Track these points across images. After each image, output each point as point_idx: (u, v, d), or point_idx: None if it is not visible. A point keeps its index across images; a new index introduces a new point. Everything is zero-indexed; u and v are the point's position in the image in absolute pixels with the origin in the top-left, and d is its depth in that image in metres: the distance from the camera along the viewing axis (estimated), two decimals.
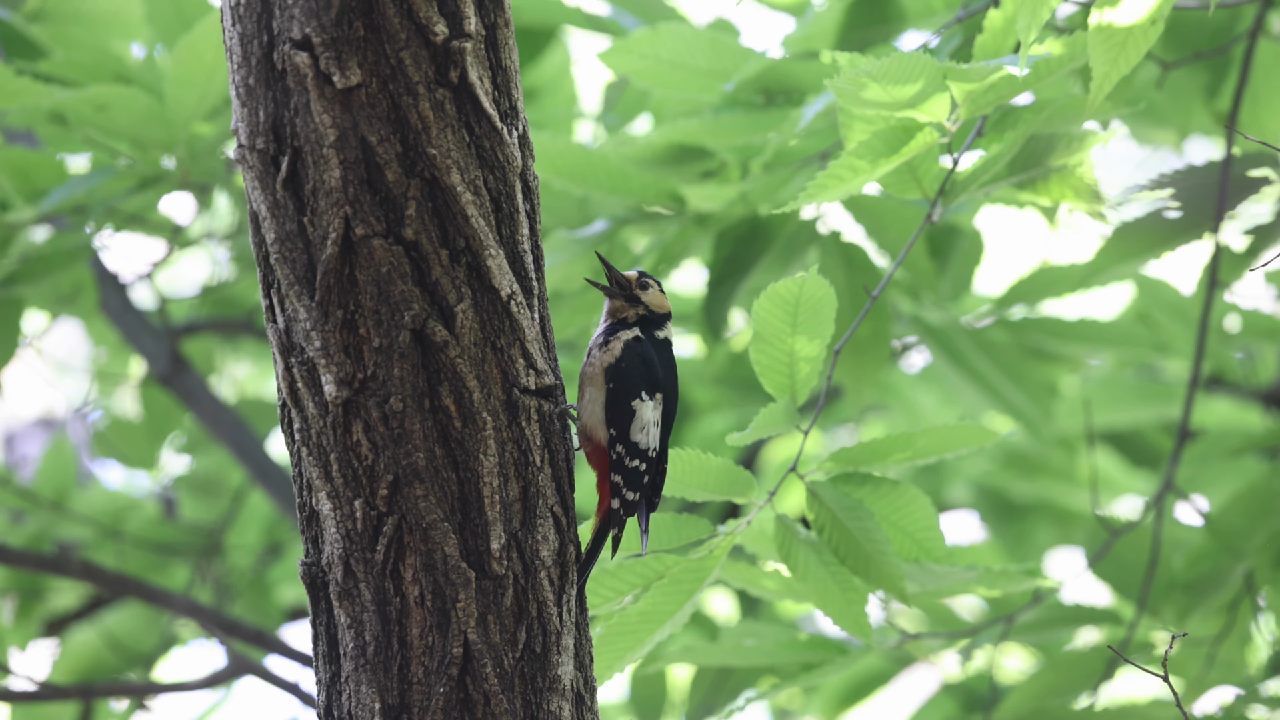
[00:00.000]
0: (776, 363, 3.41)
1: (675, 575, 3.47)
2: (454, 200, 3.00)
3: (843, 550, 3.46)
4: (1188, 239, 4.23)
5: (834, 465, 3.52)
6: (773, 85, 4.35)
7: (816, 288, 3.32)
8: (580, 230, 4.68)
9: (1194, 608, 4.65)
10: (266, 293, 3.03)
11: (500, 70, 3.05)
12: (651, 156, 4.41)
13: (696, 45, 4.35)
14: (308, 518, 3.05)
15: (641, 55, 4.34)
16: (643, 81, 4.37)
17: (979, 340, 5.15)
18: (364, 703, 3.01)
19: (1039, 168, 3.53)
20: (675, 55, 4.33)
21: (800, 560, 3.47)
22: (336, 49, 2.96)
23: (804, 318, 3.36)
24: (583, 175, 4.41)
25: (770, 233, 4.65)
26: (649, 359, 3.22)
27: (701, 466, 3.42)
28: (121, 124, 4.58)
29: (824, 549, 3.47)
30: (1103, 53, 3.15)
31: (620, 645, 3.47)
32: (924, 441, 3.48)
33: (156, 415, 6.08)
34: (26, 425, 7.76)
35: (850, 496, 3.46)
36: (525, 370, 3.05)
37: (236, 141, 3.03)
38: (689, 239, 4.60)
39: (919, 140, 3.40)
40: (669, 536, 3.46)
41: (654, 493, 3.24)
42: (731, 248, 4.66)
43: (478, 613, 3.00)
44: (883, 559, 3.44)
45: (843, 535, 3.46)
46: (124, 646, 6.00)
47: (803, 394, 3.42)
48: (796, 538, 3.48)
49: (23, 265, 4.80)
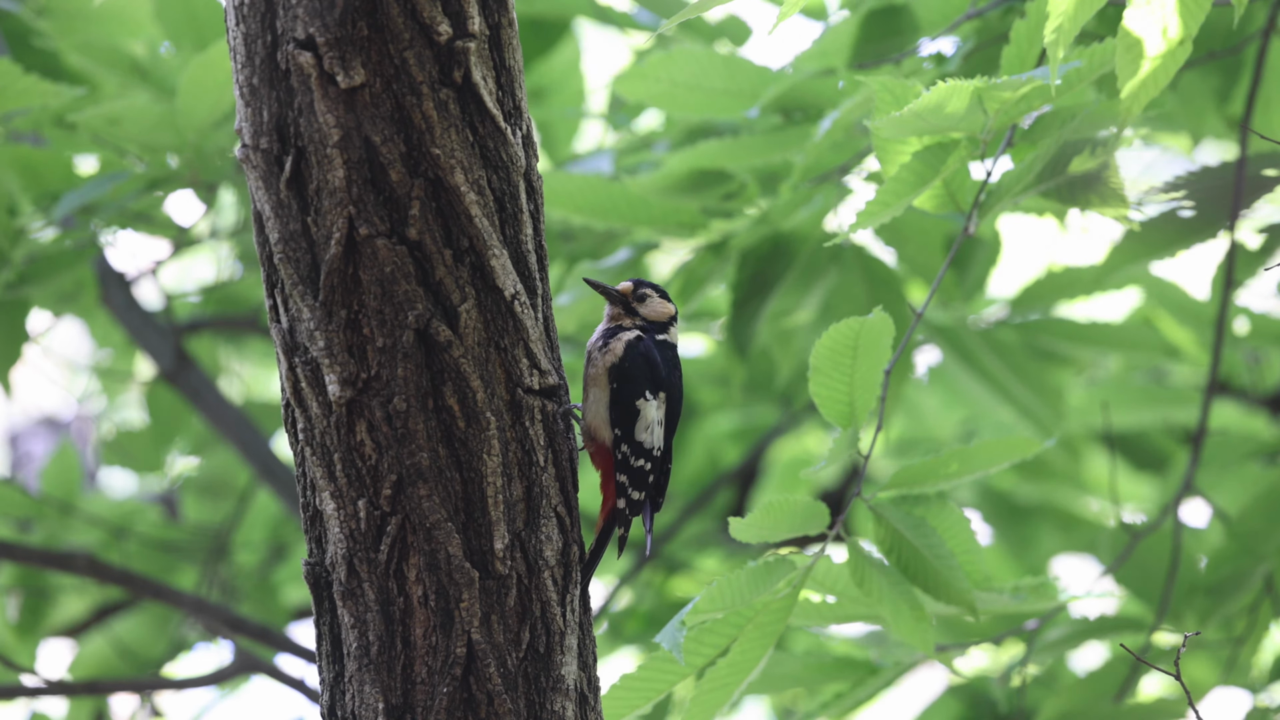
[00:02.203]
0: (837, 395, 3.43)
1: (760, 620, 3.46)
2: (458, 200, 3.00)
3: (912, 569, 3.48)
4: (1201, 239, 4.22)
5: (895, 487, 3.54)
6: (790, 104, 4.35)
7: (876, 324, 3.35)
8: (604, 260, 4.69)
9: (1215, 611, 4.65)
10: (270, 292, 3.04)
11: (504, 70, 3.05)
12: (673, 184, 4.41)
13: (711, 67, 4.34)
14: (311, 517, 3.05)
15: (657, 79, 4.33)
16: (659, 105, 4.37)
17: (989, 340, 5.15)
18: (367, 702, 3.01)
19: (1064, 175, 3.54)
20: (691, 78, 4.33)
21: (875, 583, 3.49)
22: (340, 49, 2.96)
23: (863, 353, 3.39)
24: (605, 209, 4.42)
25: (792, 251, 4.65)
26: (651, 358, 3.22)
27: (788, 508, 3.42)
28: (132, 131, 4.59)
29: (892, 570, 3.49)
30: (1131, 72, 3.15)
31: (713, 701, 3.46)
32: (976, 457, 3.51)
33: (162, 417, 6.08)
34: (31, 424, 7.77)
35: (913, 515, 3.49)
36: (529, 370, 3.05)
37: (240, 141, 3.03)
38: (713, 262, 4.60)
39: (956, 157, 3.41)
40: (753, 588, 3.44)
41: (658, 492, 3.24)
42: (755, 267, 4.67)
43: (481, 613, 3.01)
44: (952, 575, 3.47)
45: (912, 554, 3.49)
46: (133, 653, 6.01)
47: (861, 420, 3.44)
48: (870, 561, 3.49)
49: (29, 265, 4.80)
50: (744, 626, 3.42)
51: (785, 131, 4.35)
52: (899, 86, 3.45)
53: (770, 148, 4.34)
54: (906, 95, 3.45)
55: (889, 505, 3.50)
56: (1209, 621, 4.66)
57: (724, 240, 4.59)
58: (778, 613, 3.44)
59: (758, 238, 4.63)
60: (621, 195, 4.42)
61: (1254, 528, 4.68)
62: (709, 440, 6.46)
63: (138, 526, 5.99)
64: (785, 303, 4.75)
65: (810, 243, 4.68)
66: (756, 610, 3.44)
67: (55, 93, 4.44)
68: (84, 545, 5.90)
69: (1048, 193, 3.61)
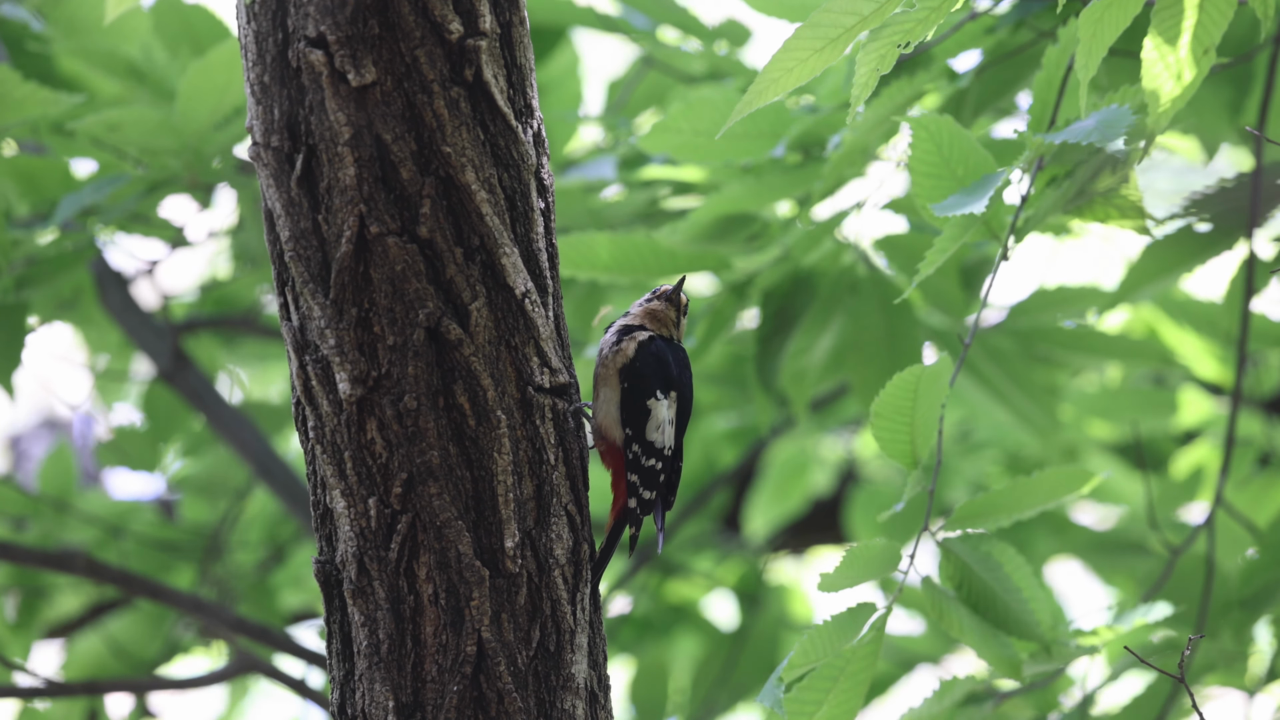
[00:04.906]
0: (899, 437, 3.45)
1: (851, 670, 3.46)
2: (469, 198, 3.00)
3: (983, 605, 3.51)
4: (1218, 251, 4.23)
5: (959, 523, 3.57)
6: (809, 140, 4.37)
7: (936, 370, 3.39)
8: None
9: (1250, 624, 4.66)
10: (281, 290, 3.03)
11: (515, 68, 3.05)
12: (699, 232, 4.44)
13: (729, 110, 4.35)
14: (322, 515, 3.05)
15: (679, 131, 4.35)
16: (681, 156, 4.38)
17: (986, 345, 5.15)
18: (378, 701, 3.01)
19: (1085, 193, 3.57)
20: (711, 125, 4.34)
21: (953, 616, 3.51)
22: (351, 47, 2.96)
23: (923, 397, 3.42)
24: (633, 265, 4.44)
25: (813, 284, 4.68)
26: (663, 358, 3.23)
27: (868, 554, 3.44)
28: (132, 136, 4.59)
29: (961, 604, 3.51)
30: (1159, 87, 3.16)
31: None
32: (1037, 490, 3.54)
33: (160, 417, 6.07)
34: (31, 425, 7.76)
35: (980, 550, 3.51)
36: (539, 368, 3.05)
37: (251, 139, 3.03)
38: (736, 302, 4.63)
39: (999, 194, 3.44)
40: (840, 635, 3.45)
41: (669, 491, 3.25)
42: (778, 303, 4.69)
43: (491, 611, 3.00)
44: (1021, 609, 3.50)
45: (981, 589, 3.52)
46: (128, 653, 6.00)
47: (922, 457, 3.47)
48: (947, 597, 3.51)
49: (28, 269, 4.80)
50: (837, 678, 3.44)
51: (806, 169, 4.37)
52: (934, 123, 3.48)
53: (792, 186, 4.37)
54: (941, 131, 3.48)
55: (958, 541, 3.53)
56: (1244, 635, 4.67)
57: (747, 279, 4.62)
58: (867, 658, 3.45)
59: (780, 275, 4.67)
60: (650, 250, 4.45)
61: None
62: (706, 441, 6.46)
63: (134, 526, 5.98)
64: (806, 339, 4.78)
65: (830, 276, 4.71)
66: (847, 659, 3.45)
67: (54, 100, 4.44)
68: (80, 544, 5.88)
69: (1069, 210, 3.63)
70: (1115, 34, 3.13)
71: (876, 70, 3.15)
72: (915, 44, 3.16)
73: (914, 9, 3.14)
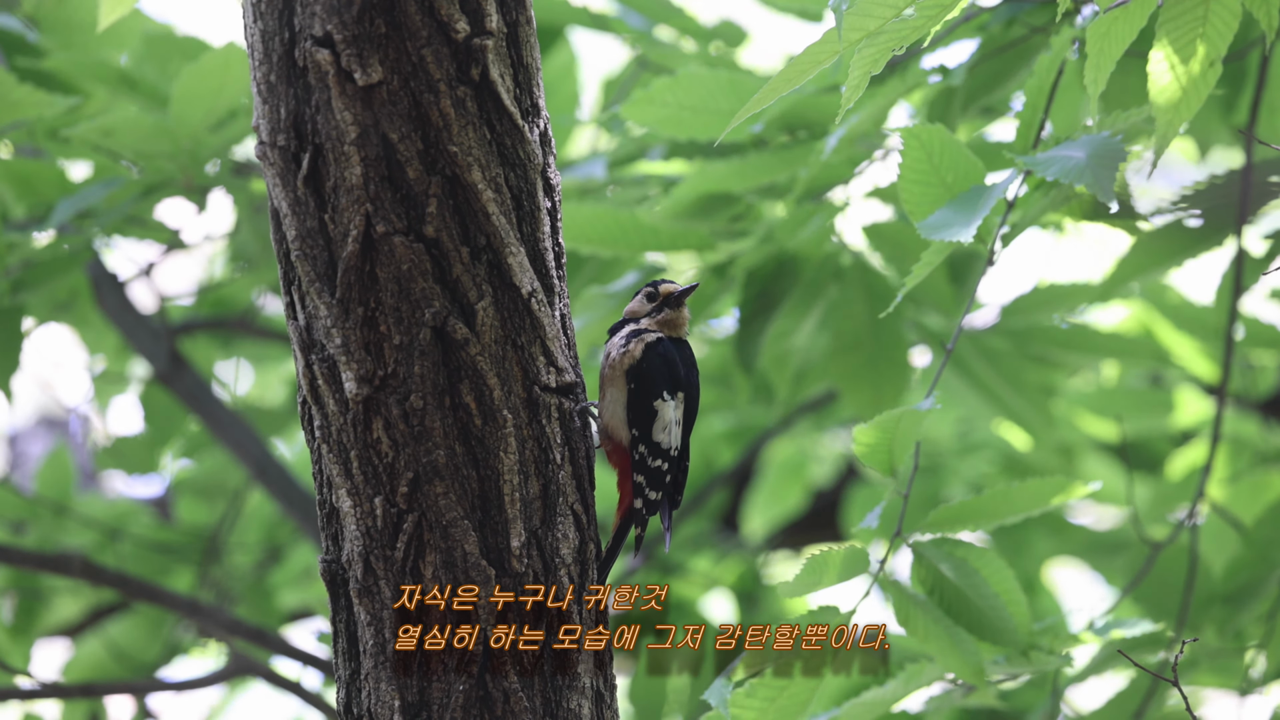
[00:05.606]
0: (880, 454, 3.46)
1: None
2: (475, 197, 3.00)
3: (955, 610, 3.51)
4: (1208, 247, 4.24)
5: (934, 528, 3.57)
6: (795, 122, 4.36)
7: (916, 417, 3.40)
8: (611, 285, 4.71)
9: (1233, 620, 4.66)
10: (287, 290, 3.03)
11: (521, 67, 3.05)
12: (682, 209, 4.43)
13: (717, 88, 4.35)
14: (328, 514, 3.04)
15: (664, 104, 4.34)
16: (666, 129, 4.38)
17: (980, 346, 5.16)
18: (384, 700, 3.00)
19: (1075, 193, 3.57)
20: (697, 100, 4.34)
21: (920, 623, 3.52)
22: (358, 46, 2.96)
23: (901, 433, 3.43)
24: (615, 239, 4.44)
25: (796, 269, 4.67)
26: (670, 359, 3.23)
27: (833, 559, 3.44)
28: (127, 141, 4.58)
29: (934, 608, 3.51)
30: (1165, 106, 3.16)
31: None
32: (1019, 498, 3.54)
33: (157, 419, 6.06)
34: (29, 425, 7.74)
35: (955, 555, 3.51)
36: (546, 368, 3.05)
37: (257, 138, 3.02)
38: (719, 282, 4.63)
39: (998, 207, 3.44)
40: None
41: (676, 491, 3.25)
42: (760, 286, 4.69)
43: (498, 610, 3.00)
44: (996, 615, 3.50)
45: (954, 595, 3.52)
46: (128, 656, 5.99)
47: (899, 464, 3.47)
48: (915, 601, 3.51)
49: (24, 272, 4.79)
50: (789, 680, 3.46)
51: (791, 150, 4.37)
52: (925, 132, 3.48)
53: (777, 167, 4.36)
54: (932, 140, 3.48)
55: (930, 546, 3.53)
56: (1227, 631, 4.68)
57: (730, 260, 4.62)
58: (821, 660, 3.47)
59: (763, 256, 4.66)
60: (632, 224, 4.45)
61: (1269, 535, 4.69)
62: (704, 441, 6.46)
63: (131, 528, 5.97)
64: (788, 322, 4.78)
65: (813, 261, 4.71)
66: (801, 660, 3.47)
67: (50, 103, 4.44)
68: (78, 546, 5.88)
69: (1057, 206, 3.63)
70: (1123, 47, 3.14)
71: (868, 72, 3.15)
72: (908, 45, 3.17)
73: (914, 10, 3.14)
